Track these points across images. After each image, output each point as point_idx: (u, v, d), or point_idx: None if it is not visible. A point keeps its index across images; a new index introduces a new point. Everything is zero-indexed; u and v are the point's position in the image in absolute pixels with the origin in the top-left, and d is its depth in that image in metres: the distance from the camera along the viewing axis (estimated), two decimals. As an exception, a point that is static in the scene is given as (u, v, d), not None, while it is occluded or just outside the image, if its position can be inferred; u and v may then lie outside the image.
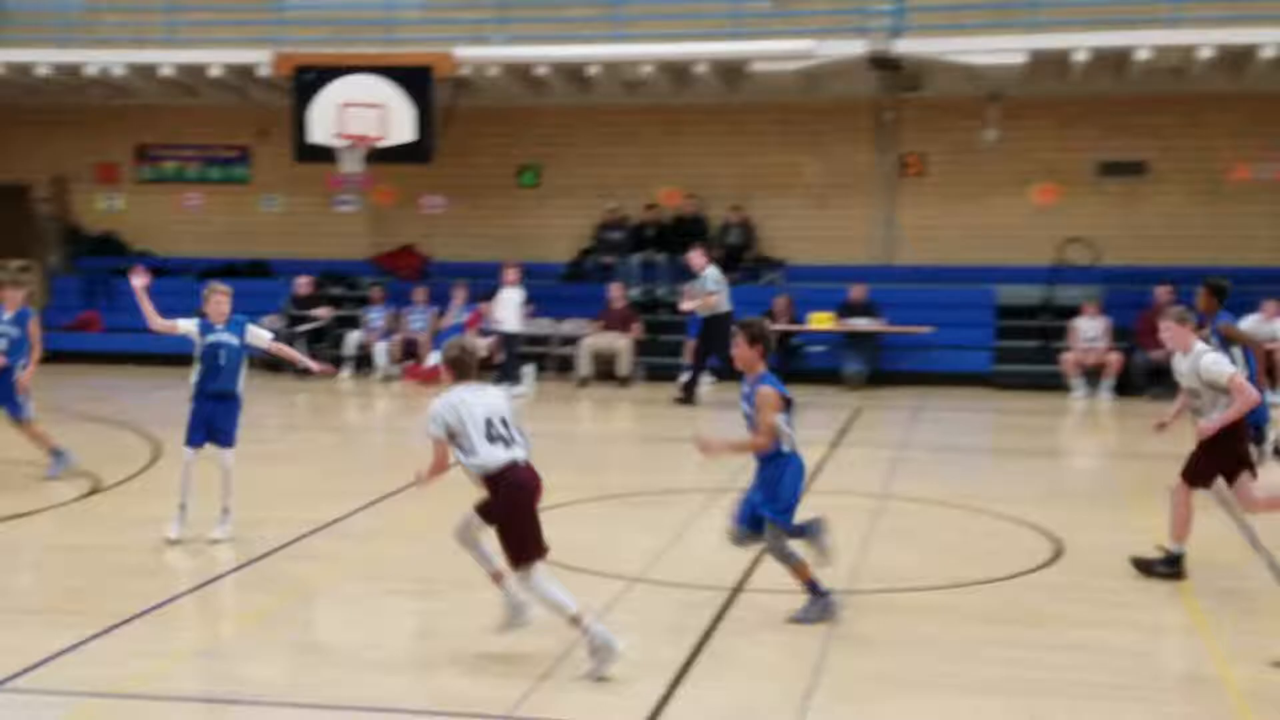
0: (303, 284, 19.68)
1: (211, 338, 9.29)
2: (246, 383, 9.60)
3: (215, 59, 19.35)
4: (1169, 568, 8.59)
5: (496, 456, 6.62)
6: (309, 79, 18.65)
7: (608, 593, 8.27)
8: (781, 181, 20.54)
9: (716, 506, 11.18)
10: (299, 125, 18.68)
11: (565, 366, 19.06)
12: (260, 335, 9.58)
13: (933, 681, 6.77)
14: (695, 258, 17.11)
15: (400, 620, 8.02)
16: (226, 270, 21.19)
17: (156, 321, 9.40)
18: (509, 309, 17.71)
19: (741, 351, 7.35)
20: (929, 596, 8.34)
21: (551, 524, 6.98)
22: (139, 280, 9.61)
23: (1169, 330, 8.63)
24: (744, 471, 12.65)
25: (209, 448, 9.43)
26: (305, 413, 16.94)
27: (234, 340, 9.34)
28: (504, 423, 6.71)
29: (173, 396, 17.33)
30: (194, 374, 9.41)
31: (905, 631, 7.59)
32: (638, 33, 19.06)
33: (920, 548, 9.63)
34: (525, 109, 20.65)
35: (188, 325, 9.35)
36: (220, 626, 7.66)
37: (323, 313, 19.52)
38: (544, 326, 19.55)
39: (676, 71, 19.18)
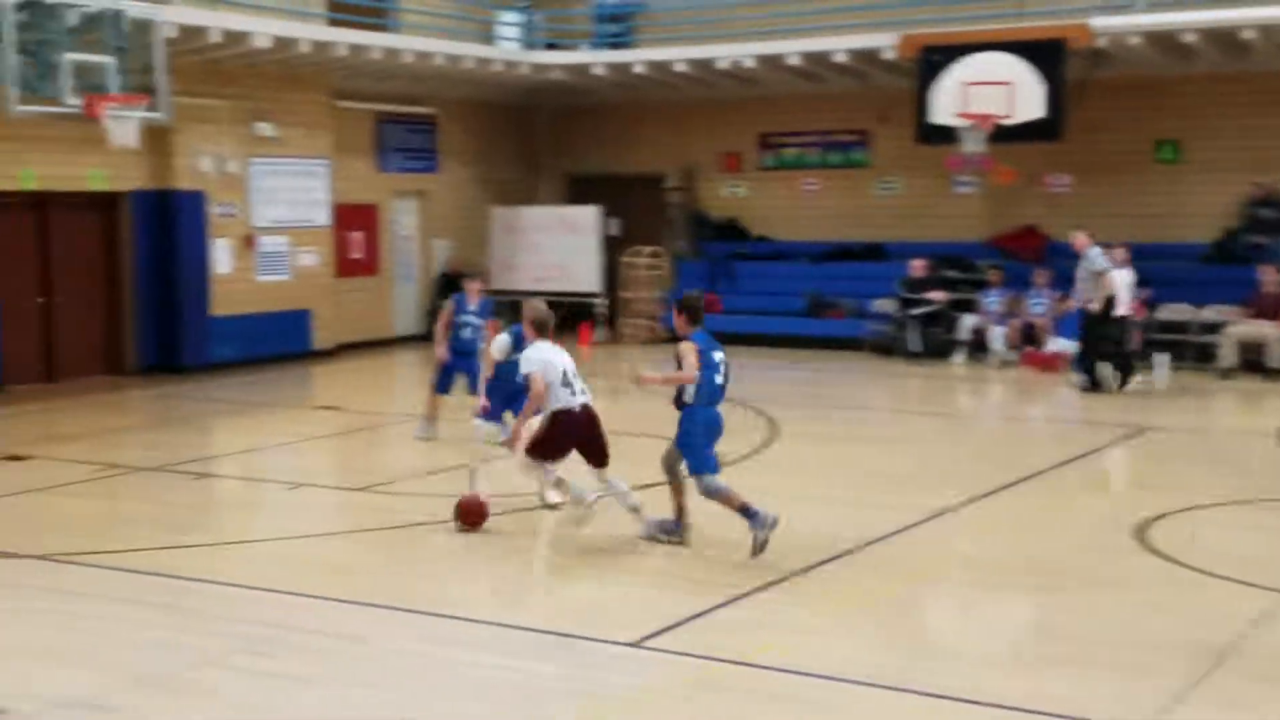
0: (917, 267, 19.34)
1: (461, 317, 12.53)
2: (856, 366, 9.46)
3: (841, 45, 19.42)
4: None
5: (565, 399, 8.70)
6: (933, 59, 18.26)
7: (1257, 605, 7.18)
8: None
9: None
10: (921, 107, 18.35)
11: (1205, 356, 17.33)
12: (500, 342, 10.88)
13: None
14: (1079, 239, 15.83)
15: (1008, 613, 7.50)
16: (841, 253, 21.34)
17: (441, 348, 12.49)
18: (1118, 291, 16.51)
19: (676, 320, 8.72)
20: None
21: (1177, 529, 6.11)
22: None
23: None
24: None
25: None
26: (915, 397, 16.59)
27: (478, 320, 12.47)
28: (573, 374, 8.77)
29: (790, 376, 17.85)
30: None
31: None
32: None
33: None
34: (1166, 79, 19.01)
35: (449, 313, 12.55)
36: (831, 606, 7.47)
37: (937, 296, 19.07)
38: (1181, 312, 17.92)
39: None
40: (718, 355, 8.46)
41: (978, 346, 18.60)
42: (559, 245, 21.47)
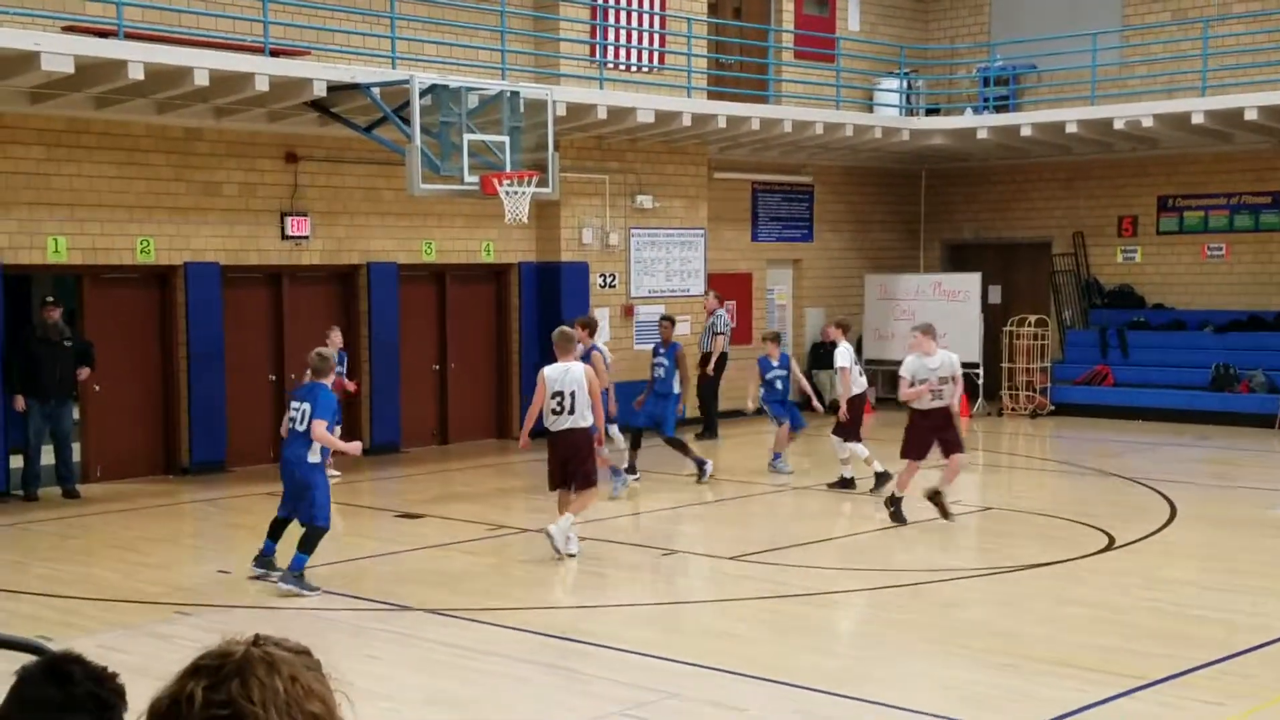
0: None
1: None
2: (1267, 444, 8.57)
3: (1253, 102, 17.96)
4: None
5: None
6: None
7: None
8: None
9: None
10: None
11: None
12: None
13: None
14: (710, 301, 18.39)
15: None
16: (1251, 323, 19.75)
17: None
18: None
19: None
20: None
21: None
22: None
23: None
24: None
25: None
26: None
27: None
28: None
29: (1191, 455, 16.52)
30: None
31: None
32: None
33: None
34: None
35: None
36: (1242, 703, 6.70)
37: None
38: None
39: None
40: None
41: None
42: (936, 313, 20.84)
